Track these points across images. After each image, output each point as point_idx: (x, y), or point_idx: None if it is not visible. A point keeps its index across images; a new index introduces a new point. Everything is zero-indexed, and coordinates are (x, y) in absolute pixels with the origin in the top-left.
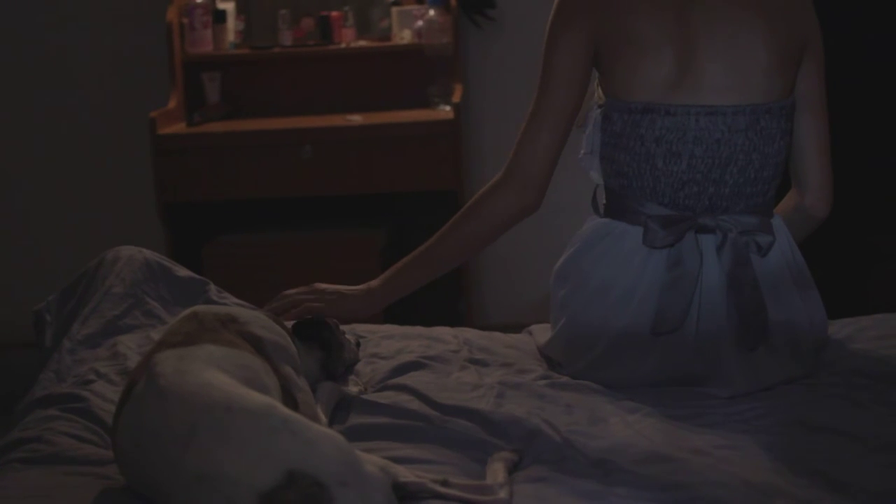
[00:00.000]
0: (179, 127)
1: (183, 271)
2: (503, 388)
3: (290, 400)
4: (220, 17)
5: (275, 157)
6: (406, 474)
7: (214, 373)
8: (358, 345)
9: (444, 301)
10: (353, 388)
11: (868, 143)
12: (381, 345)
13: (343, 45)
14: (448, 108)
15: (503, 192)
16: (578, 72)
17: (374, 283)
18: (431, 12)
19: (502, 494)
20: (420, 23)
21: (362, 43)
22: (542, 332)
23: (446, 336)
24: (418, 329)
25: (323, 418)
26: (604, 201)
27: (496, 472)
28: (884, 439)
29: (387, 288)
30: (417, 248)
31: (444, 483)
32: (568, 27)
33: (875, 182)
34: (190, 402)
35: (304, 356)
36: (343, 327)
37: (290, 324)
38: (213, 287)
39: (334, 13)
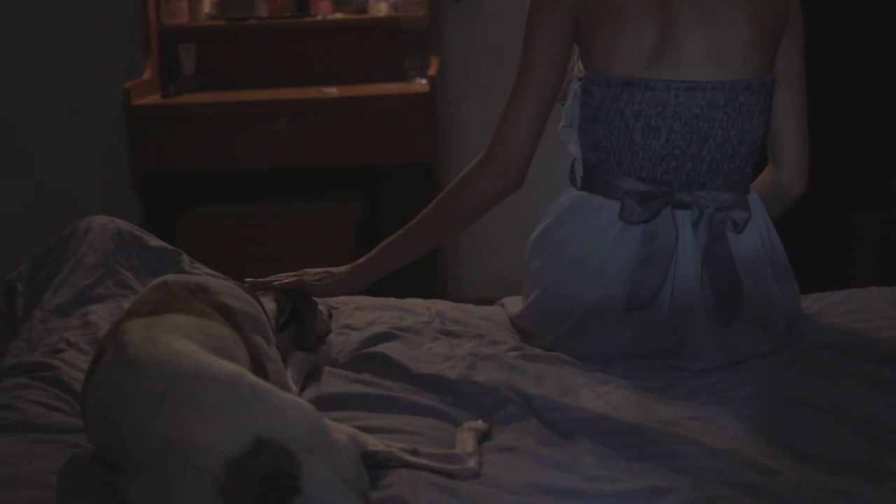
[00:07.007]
0: (154, 98)
1: (155, 241)
2: (474, 359)
3: (259, 369)
4: None
5: (250, 129)
6: (375, 443)
7: (183, 342)
8: (330, 315)
9: (418, 276)
10: (324, 359)
11: (844, 119)
12: (354, 316)
13: (319, 18)
14: (424, 81)
15: (485, 172)
16: (560, 47)
17: (360, 261)
18: None
19: (471, 463)
20: None
21: (338, 15)
22: (514, 304)
23: (418, 307)
24: (391, 300)
25: (293, 388)
26: (581, 174)
27: (465, 441)
28: (852, 412)
29: (373, 265)
30: (403, 224)
31: (414, 452)
32: (548, 1)
33: (851, 159)
34: (158, 371)
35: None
36: (315, 298)
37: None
38: (185, 257)
39: None
